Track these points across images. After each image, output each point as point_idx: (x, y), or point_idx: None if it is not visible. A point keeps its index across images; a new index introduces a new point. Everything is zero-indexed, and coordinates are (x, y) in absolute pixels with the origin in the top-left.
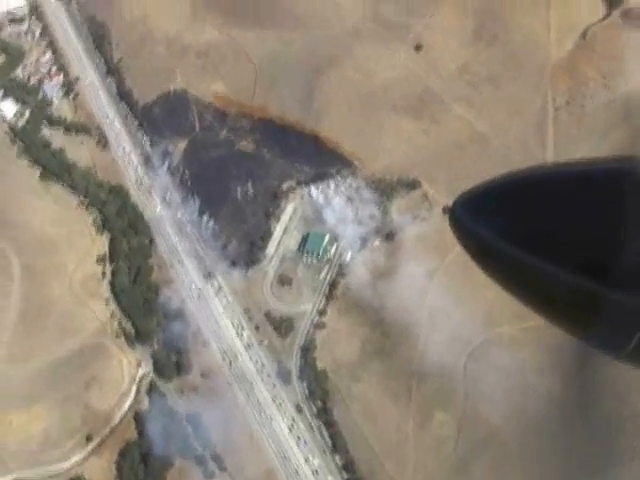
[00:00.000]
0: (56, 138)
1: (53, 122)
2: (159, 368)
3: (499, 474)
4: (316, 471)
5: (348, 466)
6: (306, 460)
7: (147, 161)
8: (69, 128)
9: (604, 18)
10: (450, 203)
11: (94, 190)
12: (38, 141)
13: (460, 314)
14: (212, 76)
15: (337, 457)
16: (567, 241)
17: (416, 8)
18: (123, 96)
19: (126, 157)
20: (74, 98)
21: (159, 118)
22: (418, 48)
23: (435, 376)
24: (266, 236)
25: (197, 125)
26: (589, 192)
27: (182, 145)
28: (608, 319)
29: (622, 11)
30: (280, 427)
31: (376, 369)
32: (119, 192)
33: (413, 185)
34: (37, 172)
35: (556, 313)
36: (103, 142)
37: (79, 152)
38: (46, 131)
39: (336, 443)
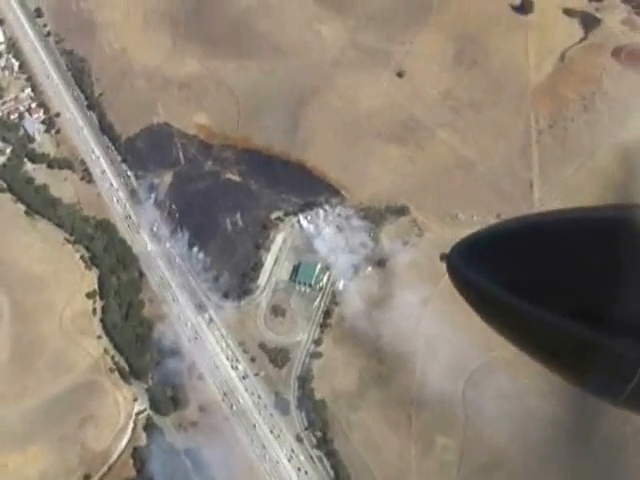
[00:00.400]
0: (39, 174)
1: (35, 158)
2: (155, 403)
3: None
4: None
5: None
6: None
7: (133, 195)
8: (52, 164)
9: (581, 41)
10: (447, 251)
11: (80, 226)
12: (21, 177)
13: (456, 339)
14: (195, 108)
15: None
16: (563, 288)
17: (396, 35)
18: (105, 130)
19: (112, 192)
20: (56, 133)
21: (143, 152)
22: (400, 75)
23: (434, 402)
24: (257, 267)
25: (181, 157)
26: (584, 240)
27: (168, 178)
28: (603, 366)
29: (613, 50)
30: (280, 459)
31: (375, 397)
32: (106, 227)
33: (402, 211)
34: (22, 209)
35: (552, 359)
36: (87, 177)
37: (63, 188)
38: (29, 167)
39: (338, 473)
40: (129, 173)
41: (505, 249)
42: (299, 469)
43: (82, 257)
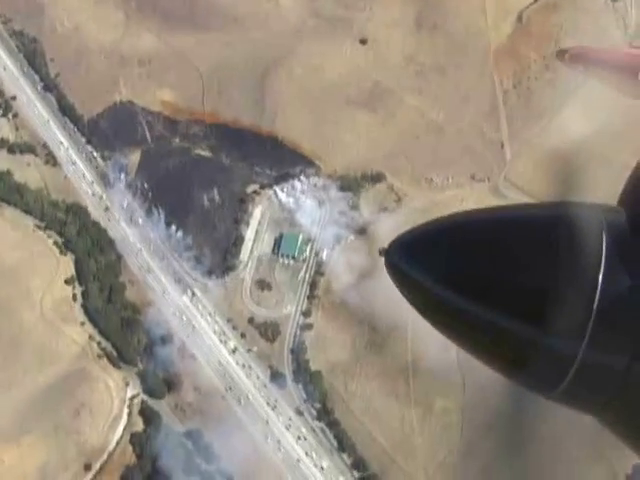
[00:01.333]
0: (0, 160)
1: None
2: (148, 386)
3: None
4: (325, 473)
5: (358, 464)
6: (315, 465)
7: (102, 176)
8: (12, 149)
9: (536, 1)
10: (386, 245)
11: (50, 211)
12: None
13: None
14: (158, 84)
15: (345, 457)
16: (502, 286)
17: (354, 2)
18: (66, 112)
19: (79, 174)
20: (13, 117)
21: (107, 132)
22: (363, 42)
23: (429, 366)
24: (238, 242)
25: (148, 135)
26: (525, 237)
27: (135, 157)
28: (539, 362)
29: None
30: (282, 433)
31: (370, 364)
32: (77, 211)
33: (377, 178)
34: None
35: (490, 355)
36: (52, 161)
37: (27, 173)
38: None
39: (342, 443)
40: (95, 154)
41: (446, 245)
42: (298, 438)
43: (55, 243)
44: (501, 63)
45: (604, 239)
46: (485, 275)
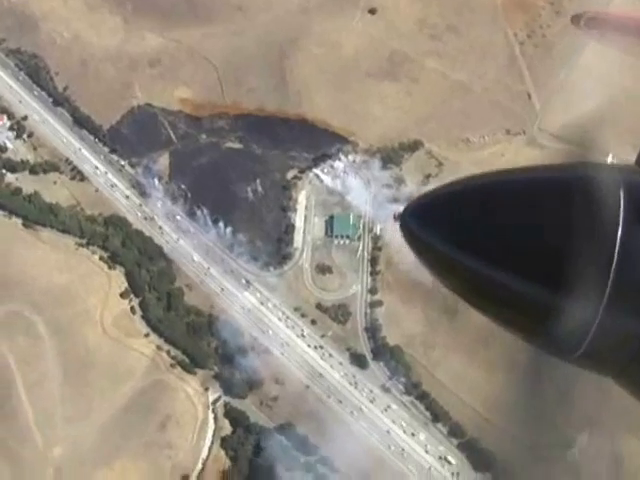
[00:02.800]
0: (24, 183)
1: (15, 167)
2: (229, 388)
3: None
4: (425, 445)
5: (455, 431)
6: (413, 436)
7: (136, 184)
8: (35, 169)
9: None
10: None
11: (88, 226)
12: (5, 191)
13: None
14: (173, 83)
15: (440, 426)
16: (518, 248)
17: None
18: (82, 124)
19: (110, 185)
20: (29, 137)
21: (130, 138)
22: (372, 12)
23: None
24: (289, 230)
25: (173, 136)
26: (541, 199)
27: (164, 160)
28: (558, 326)
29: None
30: (374, 412)
31: (447, 330)
32: (116, 222)
33: (415, 146)
34: (18, 222)
35: (508, 320)
36: (78, 176)
37: (56, 191)
38: (10, 178)
39: (435, 413)
40: (122, 162)
41: (461, 208)
42: (394, 420)
43: (101, 258)
44: (511, 15)
45: (622, 198)
46: (501, 237)
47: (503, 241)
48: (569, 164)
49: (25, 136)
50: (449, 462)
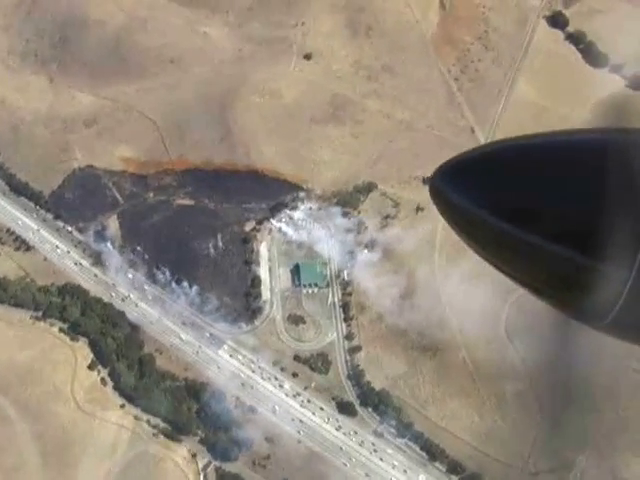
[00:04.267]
0: None
1: None
2: (217, 451)
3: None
4: None
5: (454, 468)
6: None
7: (87, 250)
8: None
9: None
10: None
11: (42, 298)
12: None
13: (478, 291)
14: (113, 142)
15: (438, 464)
16: (549, 212)
17: (283, 19)
18: (20, 191)
19: (59, 253)
20: None
21: (74, 202)
22: (308, 57)
23: (486, 353)
24: (256, 283)
25: (119, 197)
26: (571, 163)
27: (113, 222)
28: (587, 289)
29: None
30: (370, 460)
31: (430, 369)
32: (72, 291)
33: (369, 188)
34: None
35: (537, 283)
36: (23, 246)
37: (1, 264)
38: None
39: (431, 452)
40: (69, 228)
41: (490, 171)
42: (393, 463)
43: (62, 330)
44: (441, 51)
45: None
46: (533, 200)
47: (535, 204)
48: (602, 128)
49: None
50: None
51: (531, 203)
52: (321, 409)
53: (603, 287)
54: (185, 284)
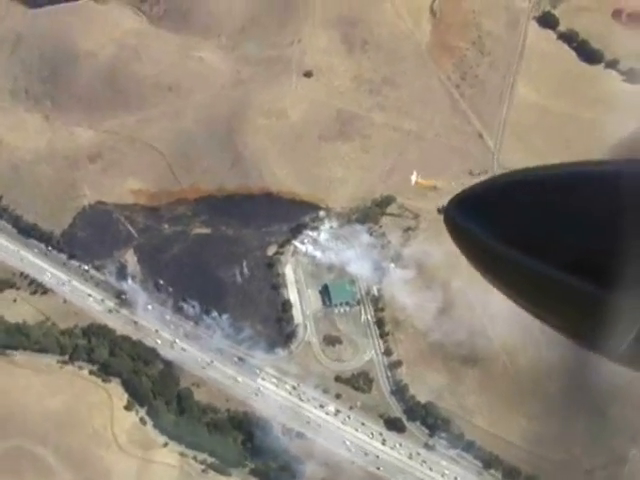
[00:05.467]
0: None
1: None
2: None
3: None
4: None
5: (510, 473)
6: None
7: (106, 287)
8: None
9: None
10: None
11: (67, 341)
12: None
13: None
14: (120, 175)
15: (493, 472)
16: (562, 242)
17: (278, 39)
18: (30, 233)
19: (78, 293)
20: None
21: (88, 240)
22: (308, 75)
23: (525, 356)
24: (286, 307)
25: (133, 231)
26: (586, 193)
27: (130, 257)
28: (601, 320)
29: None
30: (426, 474)
31: (473, 378)
32: (97, 331)
33: (387, 201)
34: None
35: (549, 314)
36: (40, 289)
37: (18, 309)
38: None
39: (485, 460)
40: (85, 267)
41: (506, 202)
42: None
43: (91, 372)
44: (439, 60)
45: None
46: (548, 231)
47: (550, 235)
48: (620, 160)
49: None
50: None
51: (548, 235)
52: (369, 427)
53: (617, 318)
54: (215, 314)
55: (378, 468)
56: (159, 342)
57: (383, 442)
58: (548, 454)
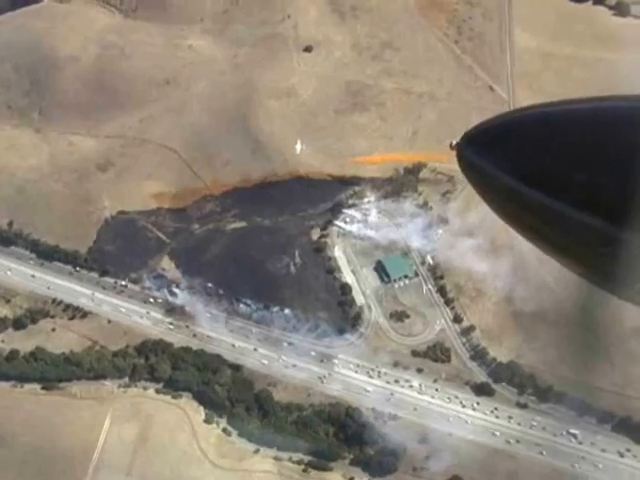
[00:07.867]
0: (15, 342)
1: None
2: (373, 468)
3: None
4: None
5: (604, 418)
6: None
7: (150, 299)
8: (19, 323)
9: None
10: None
11: (122, 363)
12: None
13: None
14: (136, 180)
15: (587, 418)
16: (575, 178)
17: (266, 16)
18: (52, 256)
19: (122, 311)
20: None
21: (117, 253)
22: (308, 49)
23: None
24: (346, 290)
25: (162, 236)
26: (599, 130)
27: (167, 264)
28: (616, 259)
29: None
30: (523, 432)
31: (546, 331)
32: (154, 347)
33: (418, 168)
34: (37, 388)
35: (561, 250)
36: (78, 313)
37: (59, 338)
38: None
39: (578, 408)
40: (122, 282)
41: (517, 137)
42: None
43: (158, 390)
44: (431, 17)
45: None
46: (562, 167)
47: (564, 171)
48: (630, 97)
49: None
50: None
51: (558, 171)
52: (456, 397)
53: (631, 256)
54: (275, 309)
55: (475, 435)
56: (221, 347)
57: (475, 409)
58: (637, 394)
